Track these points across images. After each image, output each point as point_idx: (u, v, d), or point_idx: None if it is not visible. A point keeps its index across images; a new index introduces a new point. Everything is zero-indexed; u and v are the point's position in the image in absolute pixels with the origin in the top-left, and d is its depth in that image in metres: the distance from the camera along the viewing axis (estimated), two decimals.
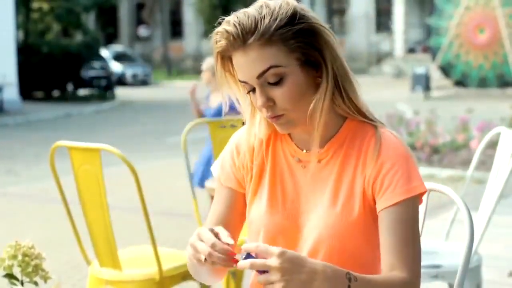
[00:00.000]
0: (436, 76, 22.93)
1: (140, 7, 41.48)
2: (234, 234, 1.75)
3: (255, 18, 1.55)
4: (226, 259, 1.44)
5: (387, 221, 1.58)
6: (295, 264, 1.39)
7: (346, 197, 1.63)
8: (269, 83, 1.58)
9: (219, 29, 1.58)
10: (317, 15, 1.62)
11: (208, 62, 5.79)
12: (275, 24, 1.54)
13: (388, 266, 1.57)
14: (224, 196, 1.75)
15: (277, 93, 1.58)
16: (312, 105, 1.58)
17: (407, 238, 1.57)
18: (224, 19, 1.59)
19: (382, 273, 1.58)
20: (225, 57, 1.62)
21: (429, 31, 23.79)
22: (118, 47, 35.49)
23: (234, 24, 1.55)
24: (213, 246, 1.44)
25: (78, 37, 26.68)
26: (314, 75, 1.60)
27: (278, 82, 1.57)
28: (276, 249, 1.38)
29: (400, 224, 1.57)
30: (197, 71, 35.75)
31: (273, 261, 1.37)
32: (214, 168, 1.79)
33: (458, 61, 21.70)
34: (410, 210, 1.59)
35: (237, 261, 1.42)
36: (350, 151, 1.65)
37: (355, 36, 35.56)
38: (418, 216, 1.62)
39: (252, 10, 1.58)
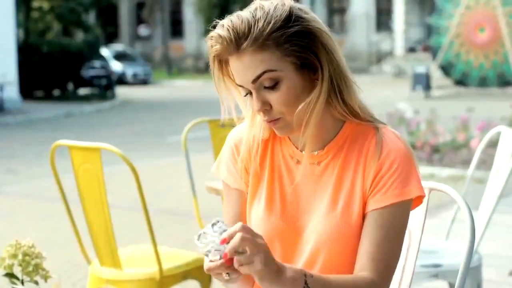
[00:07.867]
0: (437, 76, 22.90)
1: (140, 6, 41.50)
2: None
3: (249, 22, 1.52)
4: (223, 267, 1.38)
5: (371, 223, 1.56)
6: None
7: (346, 200, 1.61)
8: (265, 87, 1.56)
9: (213, 33, 1.56)
10: (317, 15, 1.59)
11: None
12: (268, 28, 1.51)
13: (359, 267, 1.55)
14: (234, 199, 1.73)
15: (273, 97, 1.56)
16: (300, 106, 1.56)
17: (385, 242, 1.55)
18: (218, 22, 1.57)
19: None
20: (223, 61, 1.60)
21: (429, 31, 23.77)
22: (118, 47, 35.48)
23: (228, 29, 1.53)
24: (209, 270, 1.39)
25: (79, 35, 26.66)
26: (311, 78, 1.58)
27: (273, 86, 1.55)
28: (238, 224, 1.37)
29: (383, 227, 1.55)
30: (197, 70, 35.82)
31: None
32: (214, 169, 1.78)
33: (459, 60, 21.68)
34: (397, 214, 1.57)
35: (229, 260, 1.37)
36: (350, 153, 1.63)
37: (356, 35, 35.56)
38: (406, 220, 1.59)
39: (246, 13, 1.55)
